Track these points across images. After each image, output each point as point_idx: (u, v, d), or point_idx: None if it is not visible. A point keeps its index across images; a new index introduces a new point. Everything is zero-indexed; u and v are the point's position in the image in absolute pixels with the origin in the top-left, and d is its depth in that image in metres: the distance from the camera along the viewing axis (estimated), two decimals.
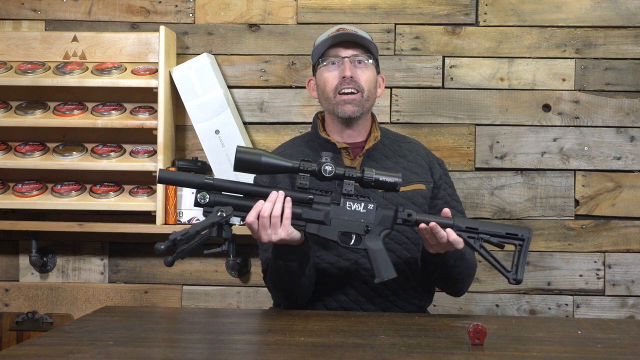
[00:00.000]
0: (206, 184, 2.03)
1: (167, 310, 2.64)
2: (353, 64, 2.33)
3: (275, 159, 2.05)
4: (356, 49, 2.34)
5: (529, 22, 3.09)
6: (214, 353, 1.71)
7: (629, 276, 3.08)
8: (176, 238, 1.93)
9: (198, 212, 3.01)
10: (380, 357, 1.65)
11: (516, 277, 2.12)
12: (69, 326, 1.94)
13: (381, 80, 2.44)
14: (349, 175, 2.08)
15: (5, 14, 3.17)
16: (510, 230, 2.13)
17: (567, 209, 3.09)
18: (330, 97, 2.34)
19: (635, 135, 3.08)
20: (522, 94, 3.10)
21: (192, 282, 3.14)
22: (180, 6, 3.15)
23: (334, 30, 2.37)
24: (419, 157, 2.42)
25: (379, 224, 2.11)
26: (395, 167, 2.37)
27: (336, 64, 2.33)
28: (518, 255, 2.13)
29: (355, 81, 2.31)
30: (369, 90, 2.34)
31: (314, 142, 2.41)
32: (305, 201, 2.09)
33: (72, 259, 3.17)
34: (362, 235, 2.11)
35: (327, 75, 2.34)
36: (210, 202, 2.03)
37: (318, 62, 2.37)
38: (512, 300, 3.10)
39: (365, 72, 2.34)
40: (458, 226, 2.11)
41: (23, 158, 3.04)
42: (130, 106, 3.09)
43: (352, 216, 2.10)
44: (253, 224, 2.06)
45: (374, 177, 2.07)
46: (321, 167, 2.06)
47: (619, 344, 1.86)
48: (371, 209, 2.11)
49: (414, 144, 2.47)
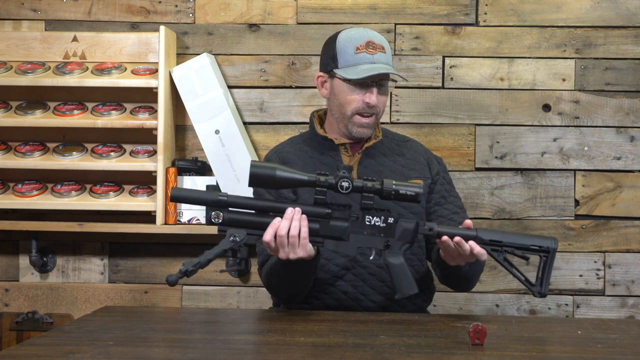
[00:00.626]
0: (220, 201, 1.98)
1: (167, 310, 2.64)
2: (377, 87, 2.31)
3: (290, 172, 2.01)
4: (386, 76, 2.31)
5: (529, 22, 3.09)
6: (214, 353, 1.71)
7: (629, 276, 3.08)
8: (188, 269, 1.89)
9: (198, 212, 3.00)
10: (380, 357, 1.65)
11: (541, 291, 2.06)
12: (69, 326, 1.94)
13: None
14: (368, 188, 2.02)
15: (5, 14, 3.17)
16: (536, 241, 2.06)
17: (567, 209, 3.09)
18: (347, 116, 2.32)
19: (635, 135, 3.08)
20: (522, 94, 3.10)
21: (192, 282, 3.14)
22: (180, 6, 3.15)
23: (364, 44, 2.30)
24: (417, 154, 2.43)
25: (400, 238, 2.05)
26: (393, 164, 2.37)
27: (362, 85, 2.29)
28: (543, 268, 2.06)
29: (376, 108, 2.31)
30: (382, 111, 2.35)
31: (312, 140, 2.41)
32: (323, 216, 2.03)
33: (72, 259, 3.17)
34: (382, 251, 2.05)
35: (351, 97, 2.30)
36: (224, 221, 1.97)
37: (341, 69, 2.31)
38: (512, 300, 3.10)
39: (384, 95, 2.33)
40: (481, 238, 2.05)
41: (23, 158, 3.04)
42: (130, 106, 3.09)
43: (371, 231, 2.05)
44: (270, 242, 2.01)
45: (394, 189, 2.01)
46: (338, 182, 2.01)
47: (619, 344, 1.86)
48: (391, 223, 2.05)
49: (413, 143, 2.47)
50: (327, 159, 2.36)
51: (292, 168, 2.04)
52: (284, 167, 2.02)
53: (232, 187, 2.97)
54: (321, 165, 2.34)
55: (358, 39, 2.32)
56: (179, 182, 3.01)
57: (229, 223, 1.98)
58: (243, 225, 1.99)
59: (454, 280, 2.30)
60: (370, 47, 2.31)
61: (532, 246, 2.06)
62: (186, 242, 3.12)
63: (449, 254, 2.11)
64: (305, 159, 2.37)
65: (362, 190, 2.02)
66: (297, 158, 2.37)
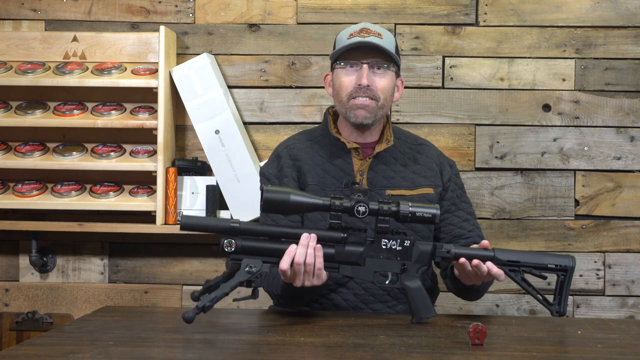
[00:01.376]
0: (232, 228, 1.93)
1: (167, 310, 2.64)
2: (372, 70, 2.26)
3: (304, 197, 1.96)
4: (377, 54, 2.26)
5: (529, 22, 3.09)
6: (214, 353, 1.71)
7: (629, 276, 3.08)
8: (205, 305, 1.84)
9: (198, 212, 3.01)
10: (380, 357, 1.65)
11: (560, 310, 2.05)
12: (69, 326, 1.94)
13: (400, 83, 2.37)
14: (384, 211, 1.98)
15: (5, 14, 3.17)
16: (553, 260, 2.05)
17: (567, 209, 3.09)
18: (344, 101, 2.28)
19: (635, 135, 3.08)
20: (522, 94, 3.10)
21: (192, 282, 3.14)
22: (180, 6, 3.15)
23: (357, 30, 2.28)
24: (429, 159, 2.37)
25: (416, 261, 2.03)
26: (404, 170, 2.32)
27: (354, 67, 2.26)
28: (561, 286, 2.05)
29: (371, 90, 2.25)
30: (385, 99, 2.27)
31: (324, 138, 2.36)
32: (338, 240, 1.99)
33: (72, 259, 3.17)
34: (399, 274, 2.03)
35: (343, 79, 2.27)
36: (237, 249, 1.92)
37: (336, 61, 2.30)
38: (512, 300, 3.09)
39: (383, 80, 2.27)
40: (499, 259, 2.03)
41: (23, 158, 3.04)
42: (130, 106, 3.09)
43: (387, 254, 2.01)
44: (287, 271, 1.96)
45: (410, 211, 1.97)
46: (354, 206, 1.96)
47: (619, 344, 1.86)
48: (407, 246, 2.02)
49: (426, 146, 2.42)
50: (339, 162, 2.31)
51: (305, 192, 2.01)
52: (298, 191, 1.98)
53: (232, 187, 2.97)
54: (330, 166, 2.31)
55: (354, 28, 2.31)
56: (179, 182, 3.01)
57: (242, 251, 1.93)
58: (257, 252, 1.94)
59: (464, 293, 2.27)
60: (364, 32, 2.27)
61: (550, 265, 2.05)
62: (186, 242, 3.12)
63: (466, 275, 2.08)
64: (315, 160, 2.32)
65: (378, 213, 1.98)
66: (308, 157, 2.33)
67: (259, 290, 1.93)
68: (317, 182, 2.29)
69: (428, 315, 2.03)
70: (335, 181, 2.28)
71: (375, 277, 2.02)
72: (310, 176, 2.30)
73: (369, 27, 2.29)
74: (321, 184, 2.28)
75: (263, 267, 1.92)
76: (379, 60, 2.26)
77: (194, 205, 3.02)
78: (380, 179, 2.29)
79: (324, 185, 2.28)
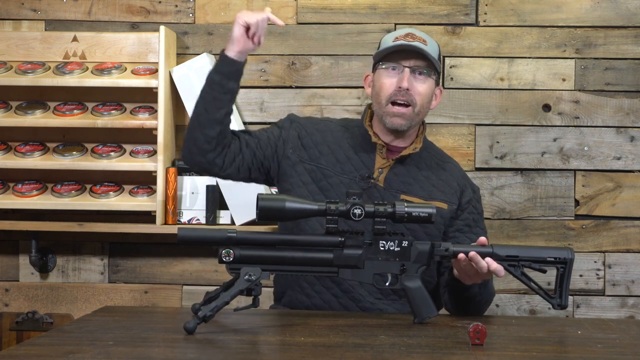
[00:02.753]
0: (229, 238, 1.93)
1: (167, 310, 2.64)
2: (413, 74, 2.26)
3: (299, 203, 1.96)
4: (421, 59, 2.26)
5: (529, 22, 3.09)
6: (214, 353, 1.71)
7: (629, 276, 3.08)
8: (205, 315, 1.83)
9: (198, 212, 3.01)
10: (380, 357, 1.65)
11: (561, 303, 2.05)
12: (69, 326, 1.94)
13: (439, 92, 2.37)
14: (380, 213, 1.97)
15: (5, 14, 3.17)
16: (552, 253, 2.05)
17: (567, 209, 3.09)
18: (382, 104, 2.27)
19: (635, 135, 3.08)
20: (522, 94, 3.10)
21: (192, 282, 3.14)
22: (180, 6, 3.15)
23: (403, 34, 2.29)
24: (451, 178, 2.35)
25: (415, 261, 2.02)
26: (424, 180, 2.31)
27: (396, 69, 2.27)
28: (561, 279, 2.05)
29: (410, 94, 2.25)
30: (422, 105, 2.27)
31: (358, 129, 2.35)
32: (336, 244, 1.99)
33: (72, 259, 3.17)
34: (399, 275, 2.02)
35: (384, 81, 2.27)
36: (235, 259, 1.93)
37: (379, 62, 2.30)
38: (512, 300, 3.09)
39: (423, 85, 2.27)
40: (497, 255, 2.03)
41: (23, 158, 3.04)
42: (130, 106, 3.09)
43: (386, 256, 2.01)
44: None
45: (407, 212, 1.97)
46: (350, 209, 1.96)
47: (619, 344, 1.86)
48: (406, 246, 2.02)
49: (452, 165, 2.40)
50: (362, 155, 2.31)
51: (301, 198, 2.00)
52: (292, 197, 1.98)
53: (232, 187, 2.97)
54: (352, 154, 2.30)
55: (400, 32, 2.32)
56: (179, 182, 3.01)
57: (240, 260, 1.93)
58: (255, 261, 1.95)
59: (462, 304, 2.24)
60: (409, 36, 2.28)
61: (549, 258, 2.05)
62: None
63: (465, 273, 2.07)
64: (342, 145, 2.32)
65: (375, 215, 1.98)
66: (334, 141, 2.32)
67: (259, 298, 1.94)
68: (334, 166, 2.29)
69: (430, 315, 2.02)
70: (354, 170, 2.29)
71: (375, 279, 2.02)
72: (326, 159, 2.30)
73: (415, 33, 2.30)
74: (339, 170, 2.29)
75: (262, 274, 1.92)
76: (421, 66, 2.27)
77: (194, 205, 3.02)
78: (398, 183, 2.29)
79: (343, 171, 2.29)
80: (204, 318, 1.84)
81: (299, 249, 2.00)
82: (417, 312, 2.02)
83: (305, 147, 2.32)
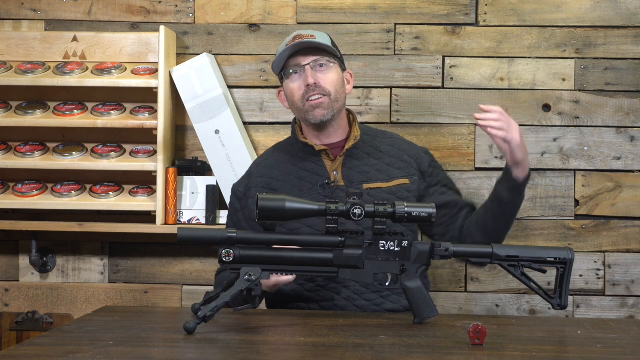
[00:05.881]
0: (229, 238, 1.95)
1: (167, 310, 2.64)
2: (315, 69, 2.34)
3: (299, 203, 1.97)
4: (316, 53, 2.35)
5: (529, 22, 3.09)
6: (214, 353, 1.71)
7: (629, 276, 3.08)
8: (206, 315, 1.84)
9: (198, 212, 3.01)
10: (380, 357, 1.65)
11: (561, 303, 2.06)
12: (69, 326, 1.95)
13: (349, 76, 2.46)
14: (380, 213, 1.98)
15: (5, 14, 3.17)
16: (552, 253, 2.06)
17: (567, 209, 3.09)
18: (300, 106, 2.36)
19: (635, 135, 3.08)
20: (522, 94, 3.10)
21: (192, 282, 3.14)
22: (180, 6, 3.15)
23: (291, 39, 2.38)
24: (400, 151, 2.43)
25: (415, 261, 2.03)
26: (378, 163, 2.38)
27: (298, 72, 2.35)
28: (561, 279, 2.05)
29: (320, 86, 2.33)
30: (336, 92, 2.36)
31: (293, 147, 2.43)
32: (336, 245, 2.00)
33: (72, 259, 3.17)
34: (399, 275, 2.03)
35: (292, 86, 2.37)
36: (235, 259, 1.94)
37: (281, 74, 2.40)
38: (512, 300, 3.10)
39: (329, 75, 2.35)
40: (498, 255, 2.03)
41: (23, 158, 3.04)
42: (130, 106, 3.09)
43: (386, 256, 2.02)
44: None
45: (407, 212, 1.98)
46: (350, 209, 1.97)
47: (619, 344, 1.86)
48: (406, 246, 2.03)
49: (395, 139, 2.48)
50: (310, 165, 2.38)
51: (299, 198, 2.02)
52: (293, 197, 1.99)
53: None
54: (303, 172, 2.37)
55: (288, 38, 2.41)
56: (179, 182, 3.01)
57: (240, 260, 1.95)
58: (255, 261, 1.96)
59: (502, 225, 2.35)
60: (297, 38, 2.37)
61: (549, 258, 2.05)
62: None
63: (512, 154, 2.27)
64: (287, 169, 2.39)
65: (375, 215, 1.99)
66: (279, 170, 2.40)
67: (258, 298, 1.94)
68: (292, 191, 2.34)
69: (430, 315, 2.03)
70: (312, 185, 2.35)
71: (375, 279, 2.03)
72: (283, 189, 2.36)
73: (301, 32, 2.40)
74: (298, 192, 2.33)
75: (262, 274, 1.93)
76: (318, 58, 2.35)
77: (194, 205, 3.02)
78: (356, 175, 2.34)
79: (302, 192, 2.34)
80: (204, 318, 1.85)
81: (299, 249, 2.00)
82: (417, 312, 2.03)
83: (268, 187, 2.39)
